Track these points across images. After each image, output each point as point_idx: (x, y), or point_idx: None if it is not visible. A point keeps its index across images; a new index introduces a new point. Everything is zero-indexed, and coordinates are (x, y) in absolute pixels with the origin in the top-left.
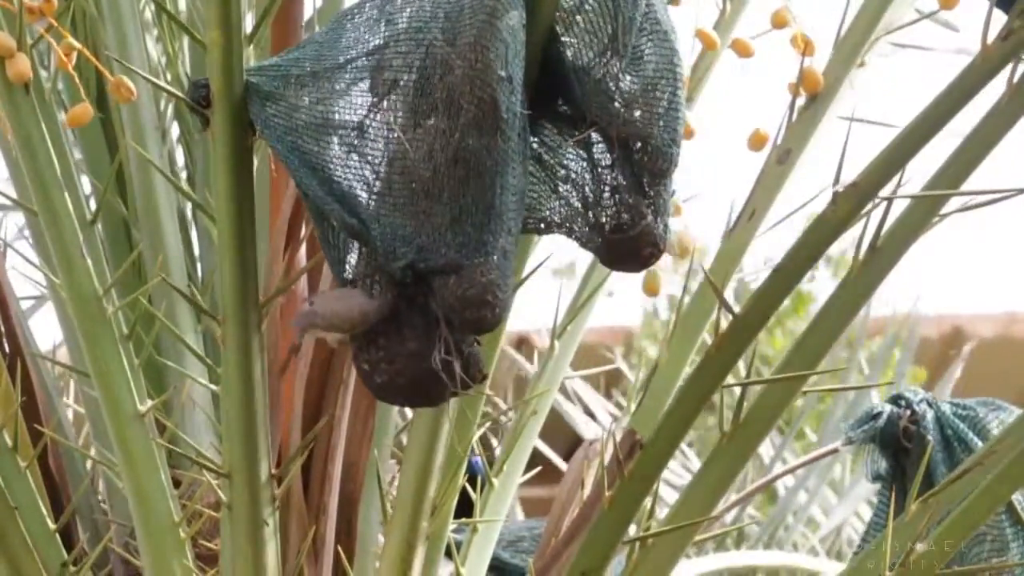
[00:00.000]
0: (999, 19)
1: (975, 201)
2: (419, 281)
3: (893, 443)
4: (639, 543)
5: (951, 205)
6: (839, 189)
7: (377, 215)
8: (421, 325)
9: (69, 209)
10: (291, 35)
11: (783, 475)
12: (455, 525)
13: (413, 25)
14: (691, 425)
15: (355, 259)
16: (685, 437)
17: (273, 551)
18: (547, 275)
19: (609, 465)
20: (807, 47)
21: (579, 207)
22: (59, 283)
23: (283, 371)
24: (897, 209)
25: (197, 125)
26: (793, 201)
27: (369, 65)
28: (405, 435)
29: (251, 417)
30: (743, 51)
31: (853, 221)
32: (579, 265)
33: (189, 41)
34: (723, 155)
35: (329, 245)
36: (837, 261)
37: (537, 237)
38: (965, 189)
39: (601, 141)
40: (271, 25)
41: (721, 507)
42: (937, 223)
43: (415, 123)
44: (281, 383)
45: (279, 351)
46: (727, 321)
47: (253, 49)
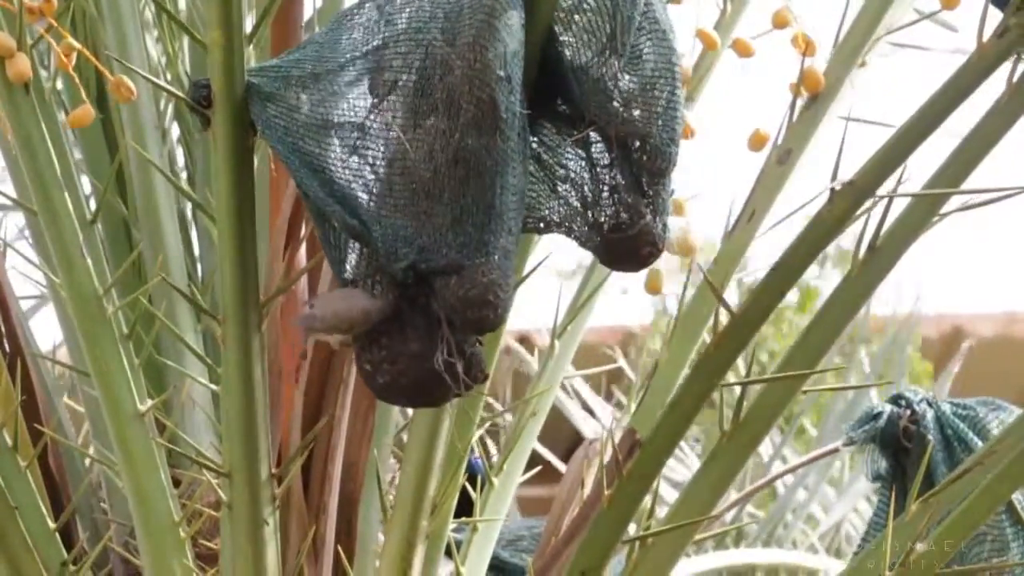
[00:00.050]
0: (995, 18)
1: (975, 200)
2: (420, 282)
3: (893, 443)
4: (639, 542)
5: (951, 204)
6: (836, 187)
7: (378, 216)
8: (423, 326)
9: (69, 209)
10: (291, 35)
11: (784, 474)
12: (455, 524)
13: (412, 25)
14: (690, 424)
15: (355, 259)
16: (687, 434)
17: (273, 550)
18: (547, 274)
19: (608, 464)
20: (808, 47)
21: (578, 206)
22: (59, 283)
23: (296, 377)
24: (897, 208)
25: (197, 125)
26: (793, 201)
27: (369, 66)
28: (405, 434)
29: (251, 417)
30: (744, 51)
31: (851, 219)
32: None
33: (189, 41)
34: (723, 155)
35: (330, 245)
36: (846, 256)
37: (537, 236)
38: (965, 188)
39: (600, 140)
40: (271, 25)
41: (721, 506)
42: (937, 222)
43: (415, 123)
44: (281, 383)
45: (279, 351)
46: (726, 320)
47: (253, 49)
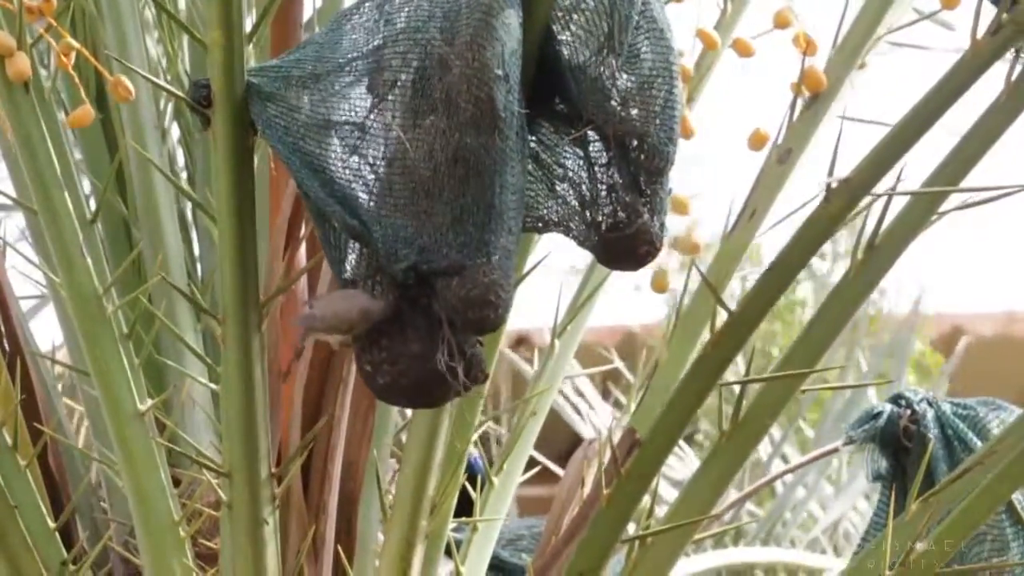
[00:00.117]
0: (990, 16)
1: (974, 199)
2: (421, 282)
3: (893, 443)
4: (638, 542)
5: (950, 203)
6: (832, 184)
7: (378, 216)
8: (423, 326)
9: (69, 208)
10: (291, 35)
11: (784, 474)
12: (455, 524)
13: (411, 25)
14: (688, 423)
15: (355, 260)
16: (686, 432)
17: (273, 550)
18: (547, 274)
19: (608, 464)
20: (809, 47)
21: (576, 206)
22: (59, 282)
23: (286, 376)
24: (896, 208)
25: (197, 125)
26: (794, 201)
27: (369, 65)
28: (405, 434)
29: (251, 416)
30: (744, 51)
31: (847, 217)
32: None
33: (189, 41)
34: (724, 155)
35: (330, 246)
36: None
37: (536, 236)
38: (964, 187)
39: (598, 139)
40: (271, 25)
41: (721, 505)
42: (936, 221)
43: (415, 123)
44: (281, 382)
45: (279, 351)
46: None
47: (253, 49)
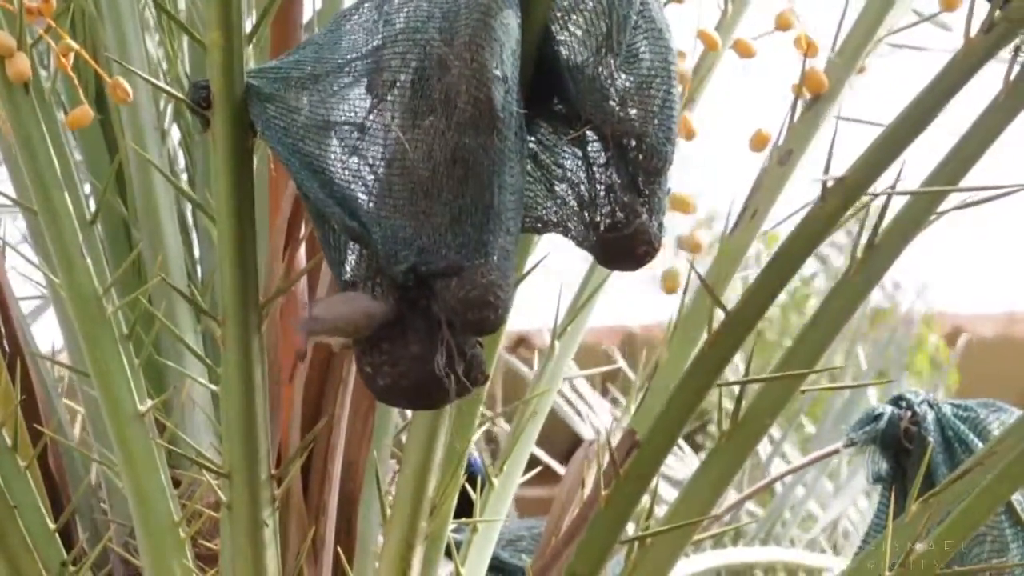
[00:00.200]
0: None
1: (973, 198)
2: (420, 284)
3: (894, 444)
4: (638, 543)
5: (949, 202)
6: (827, 183)
7: (377, 217)
8: (423, 328)
9: (69, 209)
10: (291, 36)
11: (785, 475)
12: (455, 525)
13: (410, 25)
14: (687, 424)
15: (355, 261)
16: (687, 432)
17: (273, 551)
18: (547, 275)
19: (606, 465)
20: (810, 48)
21: (575, 206)
22: (59, 283)
23: (291, 378)
24: (896, 207)
25: (197, 126)
26: (794, 202)
27: (368, 66)
28: (405, 435)
29: (251, 417)
30: (745, 52)
31: (843, 217)
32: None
33: (189, 42)
34: (724, 156)
35: (329, 247)
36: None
37: (536, 236)
38: (963, 186)
39: (596, 140)
40: (271, 26)
41: (720, 506)
42: (935, 220)
43: (414, 123)
44: (281, 384)
45: (279, 352)
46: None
47: (253, 50)
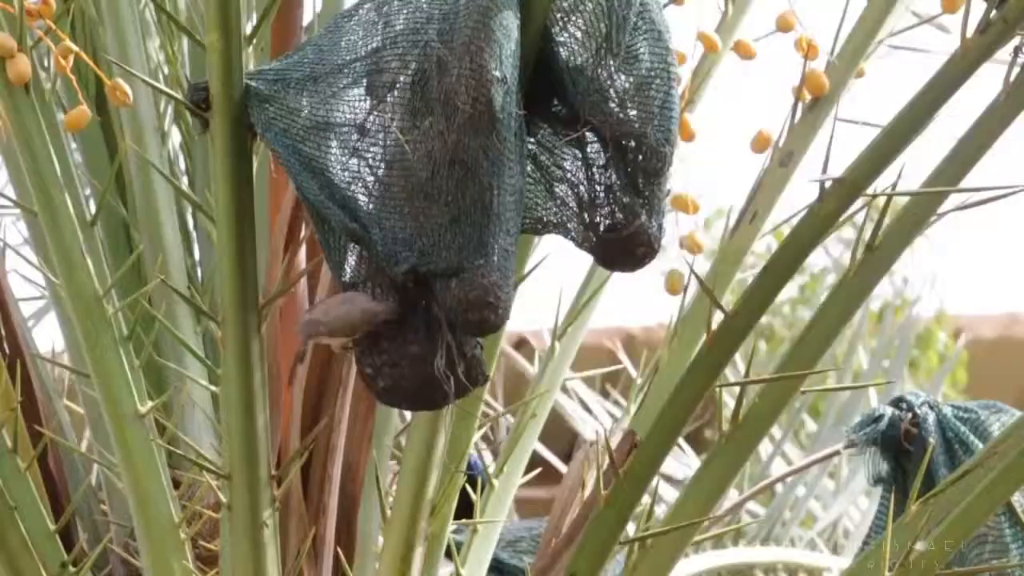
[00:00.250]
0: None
1: (973, 199)
2: (420, 285)
3: (894, 446)
4: (638, 543)
5: (948, 204)
6: (825, 183)
7: (377, 218)
8: (423, 329)
9: (69, 210)
10: (291, 38)
11: (786, 476)
12: (455, 526)
13: (410, 26)
14: (685, 424)
15: (355, 263)
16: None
17: (273, 552)
18: (548, 275)
19: (606, 465)
20: (811, 50)
21: (574, 207)
22: (59, 284)
23: (290, 380)
24: (895, 209)
25: (197, 127)
26: (795, 203)
27: (368, 67)
28: (405, 436)
29: (251, 418)
30: (745, 53)
31: (841, 217)
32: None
33: (189, 43)
34: (725, 157)
35: (329, 249)
36: None
37: (536, 237)
38: (962, 187)
39: (596, 141)
40: (272, 28)
41: (721, 507)
42: (935, 222)
43: (413, 124)
44: (281, 385)
45: (279, 353)
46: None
47: (254, 52)
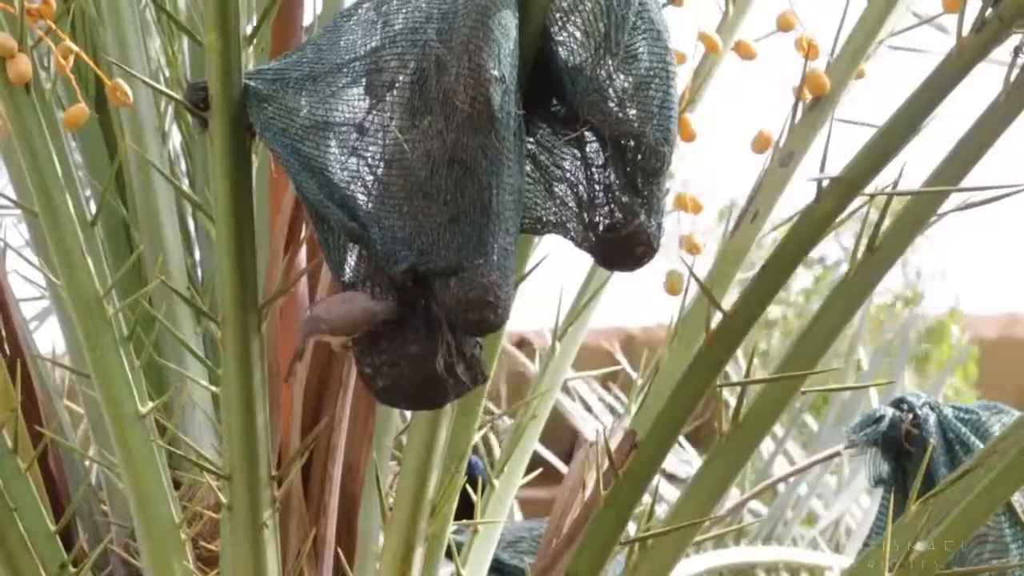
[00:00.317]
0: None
1: (974, 199)
2: (420, 284)
3: (895, 447)
4: (639, 544)
5: (949, 204)
6: (823, 181)
7: (377, 217)
8: (423, 328)
9: (70, 210)
10: (291, 38)
11: (787, 477)
12: (456, 526)
13: (409, 26)
14: (685, 424)
15: (354, 262)
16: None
17: (273, 552)
18: (548, 275)
19: (606, 466)
20: (811, 50)
21: (574, 207)
22: (60, 284)
23: (287, 377)
24: (896, 208)
25: (197, 127)
26: (796, 203)
27: (367, 67)
28: (405, 436)
29: (251, 419)
30: (746, 53)
31: (839, 217)
32: None
33: (190, 42)
34: (725, 157)
35: (329, 248)
36: None
37: (536, 237)
38: (962, 187)
39: (595, 140)
40: (272, 28)
41: (723, 507)
42: (935, 222)
43: (412, 124)
44: (281, 385)
45: (279, 353)
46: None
47: (254, 52)
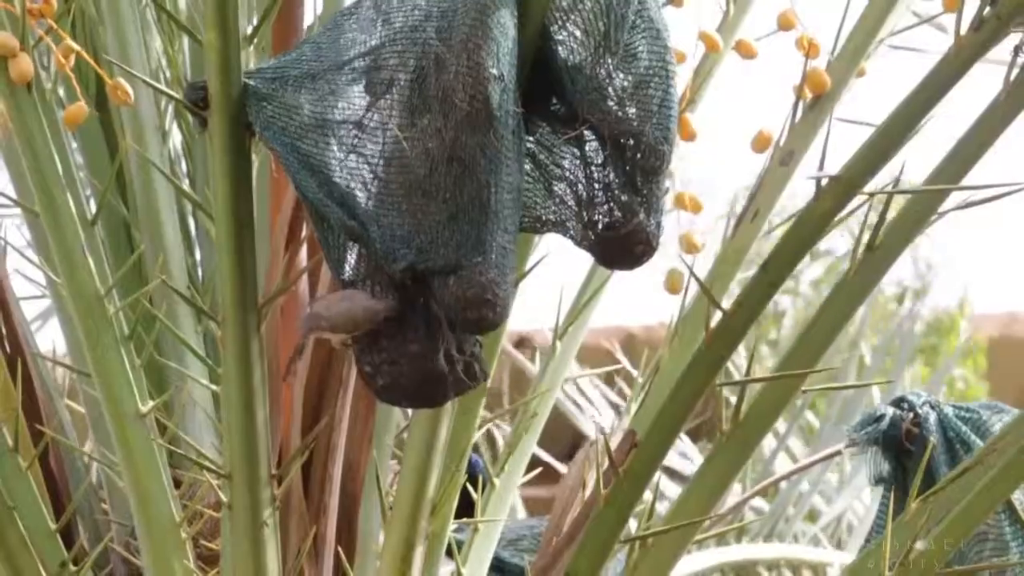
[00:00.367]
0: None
1: (974, 198)
2: (419, 282)
3: (896, 446)
4: (639, 542)
5: (949, 203)
6: (821, 180)
7: (376, 216)
8: (422, 326)
9: (71, 209)
10: (291, 37)
11: (788, 476)
12: (456, 525)
13: (409, 24)
14: (685, 423)
15: (354, 261)
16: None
17: (274, 551)
18: (548, 275)
19: (606, 465)
20: (812, 49)
21: (573, 206)
22: (60, 283)
23: (286, 375)
24: (896, 207)
25: (196, 126)
26: (797, 202)
27: (366, 65)
28: (406, 434)
29: (251, 417)
30: (747, 52)
31: (838, 215)
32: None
33: (190, 41)
34: (726, 156)
35: (329, 247)
36: None
37: (536, 236)
38: (963, 185)
39: (594, 139)
40: (273, 27)
41: (724, 505)
42: (935, 221)
43: (412, 122)
44: (281, 384)
45: (279, 352)
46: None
47: (254, 52)
